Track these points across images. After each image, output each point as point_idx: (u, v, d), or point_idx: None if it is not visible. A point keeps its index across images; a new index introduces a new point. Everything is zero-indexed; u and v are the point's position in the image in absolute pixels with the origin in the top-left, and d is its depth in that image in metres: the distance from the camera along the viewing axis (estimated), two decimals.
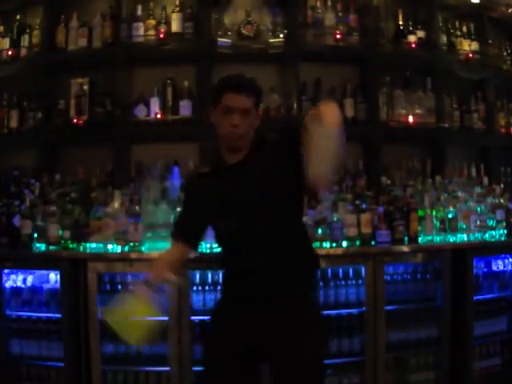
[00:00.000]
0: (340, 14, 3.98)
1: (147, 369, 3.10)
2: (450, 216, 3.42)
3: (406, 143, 4.09)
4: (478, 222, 3.49)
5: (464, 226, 3.46)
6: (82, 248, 3.14)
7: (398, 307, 3.24)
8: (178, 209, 3.11)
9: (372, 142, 3.97)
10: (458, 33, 4.30)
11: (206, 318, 3.07)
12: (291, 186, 2.05)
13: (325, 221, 3.23)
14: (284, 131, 2.21)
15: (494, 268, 3.61)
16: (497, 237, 3.56)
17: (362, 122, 3.91)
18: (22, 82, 4.02)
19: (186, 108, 3.79)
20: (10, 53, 4.02)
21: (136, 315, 1.89)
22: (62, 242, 3.15)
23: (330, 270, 3.20)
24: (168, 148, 3.83)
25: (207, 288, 3.12)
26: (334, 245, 3.18)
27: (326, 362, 3.06)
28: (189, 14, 3.84)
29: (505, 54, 4.54)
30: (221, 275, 2.36)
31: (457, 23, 4.33)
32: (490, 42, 4.41)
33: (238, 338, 2.04)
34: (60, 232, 3.16)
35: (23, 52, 4.02)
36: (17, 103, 4.01)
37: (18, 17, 4.12)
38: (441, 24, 4.26)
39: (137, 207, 3.12)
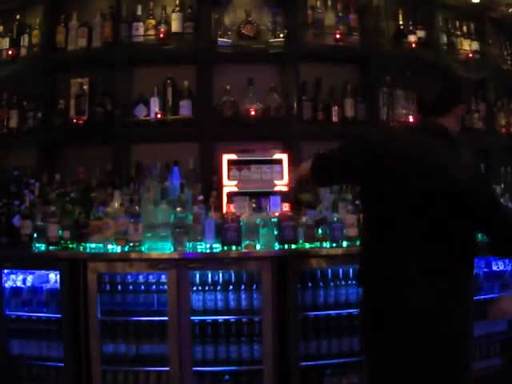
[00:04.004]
0: (340, 14, 3.99)
1: (147, 369, 3.10)
2: None
3: None
4: None
5: None
6: (81, 248, 3.14)
7: None
8: (178, 209, 3.12)
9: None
10: (459, 33, 4.30)
11: (206, 318, 3.09)
12: None
13: (325, 221, 3.23)
14: None
15: (495, 268, 3.61)
16: None
17: (361, 121, 3.90)
18: (21, 82, 4.02)
19: (185, 108, 3.79)
20: (10, 53, 4.02)
21: None
22: (62, 242, 3.15)
23: (329, 270, 3.20)
24: (168, 148, 3.83)
25: (207, 288, 3.12)
26: (334, 245, 3.18)
27: (325, 362, 3.12)
28: (189, 13, 3.84)
29: (505, 53, 4.54)
30: None
31: (457, 23, 4.33)
32: (490, 41, 4.41)
33: None
34: (60, 232, 3.16)
35: (23, 52, 4.03)
36: (17, 103, 4.01)
37: (17, 17, 4.12)
38: (441, 24, 4.26)
39: (137, 207, 3.12)
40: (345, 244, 3.20)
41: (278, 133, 3.86)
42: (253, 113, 3.76)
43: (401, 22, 4.14)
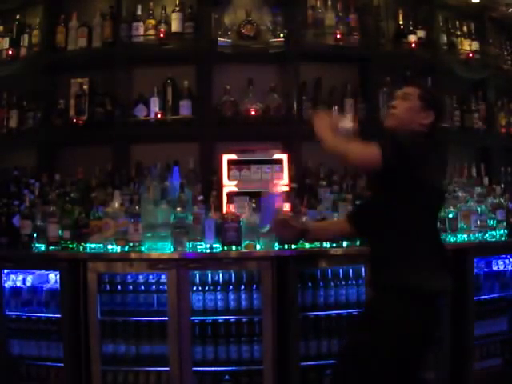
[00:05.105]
0: (340, 13, 3.98)
1: (147, 369, 3.10)
2: (450, 216, 3.41)
3: None
4: (479, 222, 3.48)
5: (464, 226, 3.45)
6: (81, 248, 3.14)
7: None
8: (178, 209, 3.13)
9: (372, 142, 3.95)
10: (459, 32, 4.30)
11: (206, 318, 3.09)
12: None
13: None
14: None
15: (495, 268, 3.61)
16: (497, 237, 3.56)
17: (361, 121, 3.89)
18: (21, 82, 4.02)
19: (185, 108, 3.79)
20: (9, 53, 4.02)
21: None
22: (62, 242, 3.15)
23: (330, 270, 3.20)
24: (168, 148, 3.83)
25: (207, 288, 3.12)
26: (334, 245, 3.18)
27: (325, 362, 3.10)
28: (189, 13, 3.84)
29: (505, 53, 4.55)
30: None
31: (457, 23, 4.33)
32: (490, 41, 4.41)
33: None
34: (60, 232, 3.16)
35: (23, 52, 4.03)
36: (17, 103, 4.01)
37: (17, 17, 4.12)
38: (441, 24, 4.26)
39: (137, 207, 3.12)
40: (345, 244, 3.20)
41: (278, 133, 3.86)
42: (253, 113, 3.76)
43: (401, 22, 4.14)
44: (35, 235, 3.21)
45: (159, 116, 3.77)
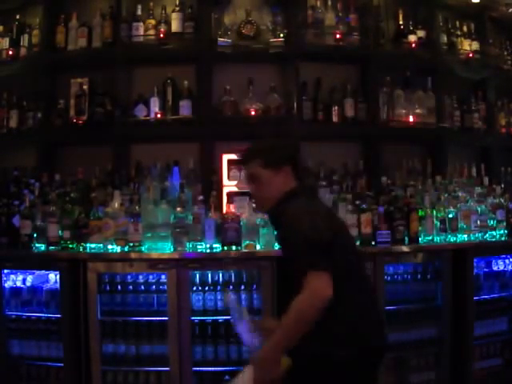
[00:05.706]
0: (340, 13, 3.98)
1: (147, 369, 3.10)
2: (450, 216, 3.42)
3: (406, 143, 4.09)
4: (479, 222, 3.49)
5: (464, 226, 3.46)
6: (81, 248, 3.14)
7: (398, 307, 3.23)
8: (178, 209, 3.12)
9: (372, 141, 3.97)
10: (459, 32, 4.30)
11: (206, 318, 3.09)
12: None
13: None
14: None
15: (495, 268, 3.61)
16: (497, 237, 3.57)
17: (361, 121, 3.90)
18: (21, 81, 4.02)
19: (185, 108, 3.79)
20: (9, 53, 4.02)
21: None
22: (62, 242, 3.15)
23: None
24: (168, 148, 3.83)
25: (207, 288, 3.12)
26: None
27: None
28: (189, 13, 3.83)
29: (505, 53, 4.55)
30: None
31: (457, 23, 4.33)
32: (490, 41, 4.41)
33: None
34: (60, 232, 3.16)
35: (23, 52, 4.03)
36: (17, 103, 4.01)
37: (17, 17, 4.12)
38: (441, 24, 4.26)
39: (137, 207, 3.12)
40: None
41: (278, 133, 3.86)
42: (253, 113, 3.76)
43: (401, 22, 4.14)
44: (35, 235, 3.22)
45: (159, 116, 3.77)
